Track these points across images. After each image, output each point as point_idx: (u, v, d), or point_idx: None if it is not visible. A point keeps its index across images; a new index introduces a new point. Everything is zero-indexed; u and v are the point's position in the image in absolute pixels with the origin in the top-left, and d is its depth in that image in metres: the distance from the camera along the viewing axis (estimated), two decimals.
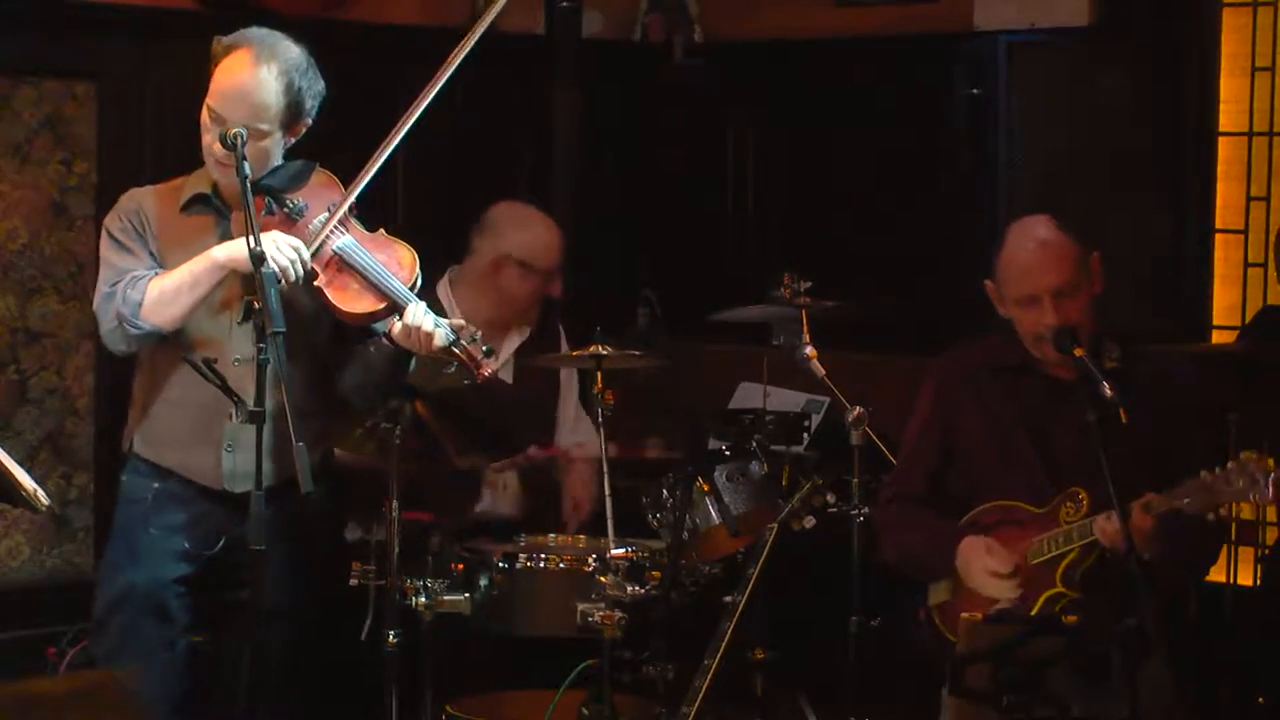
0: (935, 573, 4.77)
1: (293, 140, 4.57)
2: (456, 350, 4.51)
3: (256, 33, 4.53)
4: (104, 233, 4.61)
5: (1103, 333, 4.70)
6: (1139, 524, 4.36)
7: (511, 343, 5.80)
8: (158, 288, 4.45)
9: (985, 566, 4.61)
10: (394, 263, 4.58)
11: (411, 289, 4.56)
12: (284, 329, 4.12)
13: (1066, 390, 4.64)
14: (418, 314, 4.50)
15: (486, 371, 4.56)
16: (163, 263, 4.54)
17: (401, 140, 4.59)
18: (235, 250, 4.41)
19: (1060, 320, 4.59)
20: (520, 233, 5.77)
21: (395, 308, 4.52)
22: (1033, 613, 4.51)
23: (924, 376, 5.00)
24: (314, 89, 4.54)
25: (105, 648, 4.64)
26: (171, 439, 4.59)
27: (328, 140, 4.63)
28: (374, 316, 4.55)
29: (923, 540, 4.80)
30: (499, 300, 5.72)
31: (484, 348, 4.55)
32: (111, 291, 4.48)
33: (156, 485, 4.60)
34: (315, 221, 4.53)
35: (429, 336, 4.49)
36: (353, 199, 4.56)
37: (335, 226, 4.52)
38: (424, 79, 4.68)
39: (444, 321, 4.53)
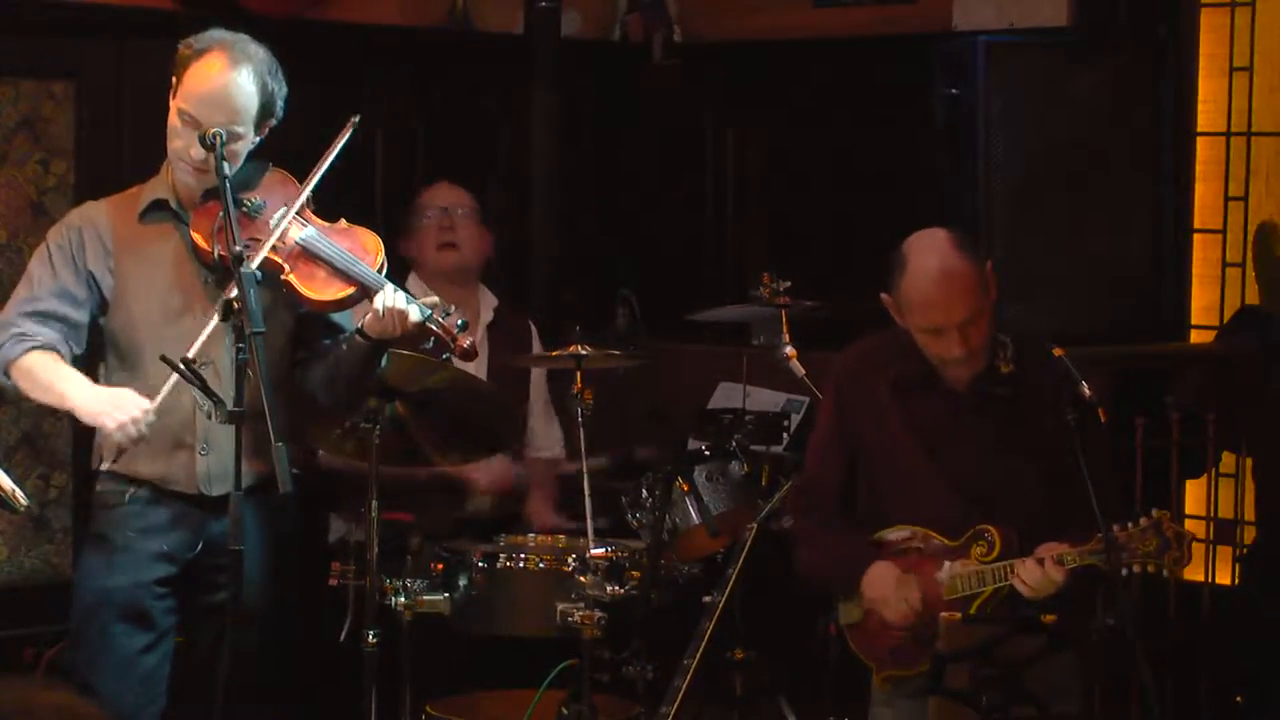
0: (843, 592, 4.65)
1: (258, 140, 4.56)
2: (432, 326, 4.53)
3: (225, 35, 4.52)
4: (44, 242, 4.60)
5: (998, 335, 4.51)
6: (1051, 575, 4.28)
7: (479, 326, 5.79)
8: (33, 364, 4.46)
9: (893, 594, 4.49)
10: (359, 248, 4.58)
11: (379, 273, 4.56)
12: (263, 329, 4.11)
13: (966, 405, 4.56)
14: (390, 293, 4.50)
15: (465, 343, 4.56)
16: (120, 272, 4.52)
17: (350, 136, 4.57)
18: (84, 409, 4.41)
19: (967, 349, 4.43)
20: (426, 191, 5.99)
21: (365, 291, 4.51)
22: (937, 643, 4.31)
23: (826, 376, 4.83)
24: (281, 90, 4.54)
25: (84, 654, 4.59)
26: (141, 449, 4.54)
27: (304, 139, 4.63)
28: (344, 302, 4.54)
29: (831, 559, 4.66)
30: (432, 250, 5.83)
31: (458, 321, 4.56)
32: (7, 323, 4.50)
33: (131, 490, 4.57)
34: (275, 216, 4.53)
35: (403, 314, 4.48)
36: (307, 193, 4.54)
37: (295, 219, 4.52)
38: (403, 79, 4.69)
39: (416, 299, 4.55)
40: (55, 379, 4.47)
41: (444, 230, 5.85)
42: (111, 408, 4.37)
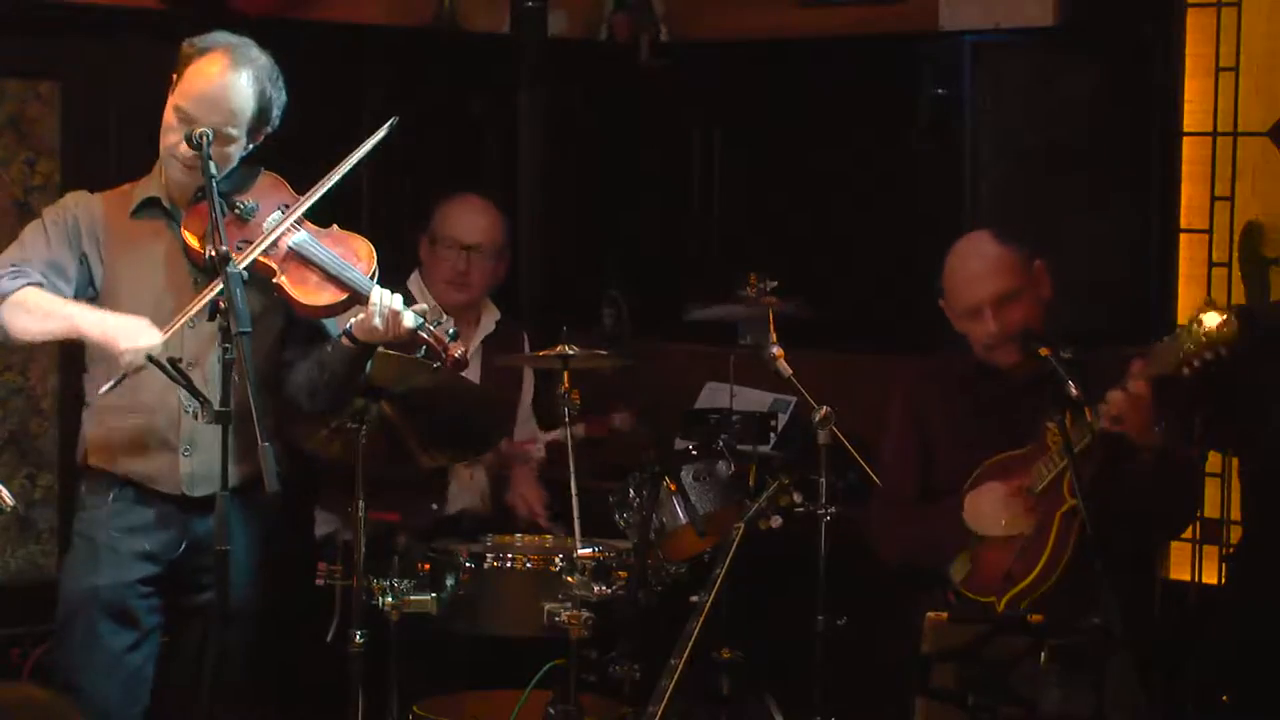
0: (950, 551, 4.82)
1: (252, 146, 4.56)
2: (424, 334, 4.51)
3: (228, 38, 4.53)
4: (39, 218, 4.60)
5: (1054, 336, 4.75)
6: (1139, 393, 4.48)
7: (479, 334, 5.79)
8: (29, 297, 4.41)
9: (1006, 500, 4.71)
10: (351, 254, 4.57)
11: (371, 279, 4.55)
12: (250, 329, 4.11)
13: (1026, 389, 4.74)
14: (385, 296, 4.49)
15: (456, 353, 4.54)
16: (111, 268, 4.53)
17: (358, 163, 4.58)
18: (93, 322, 4.37)
19: (1002, 326, 4.75)
20: (445, 212, 5.85)
21: (357, 297, 4.50)
22: (1052, 533, 4.63)
23: (891, 390, 5.09)
24: (280, 98, 4.55)
25: (69, 653, 4.59)
26: (123, 447, 4.56)
27: (292, 140, 4.63)
28: (336, 308, 4.54)
29: (930, 526, 4.87)
30: (441, 283, 5.75)
31: (450, 330, 4.54)
32: None
33: (115, 490, 4.58)
34: (268, 220, 4.53)
35: (397, 317, 4.47)
36: (306, 206, 4.54)
37: (288, 225, 4.52)
38: (389, 78, 4.68)
39: (410, 305, 4.54)
40: (58, 306, 4.43)
41: (458, 273, 5.76)
42: (123, 330, 4.31)
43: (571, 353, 5.09)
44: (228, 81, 4.45)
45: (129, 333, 4.31)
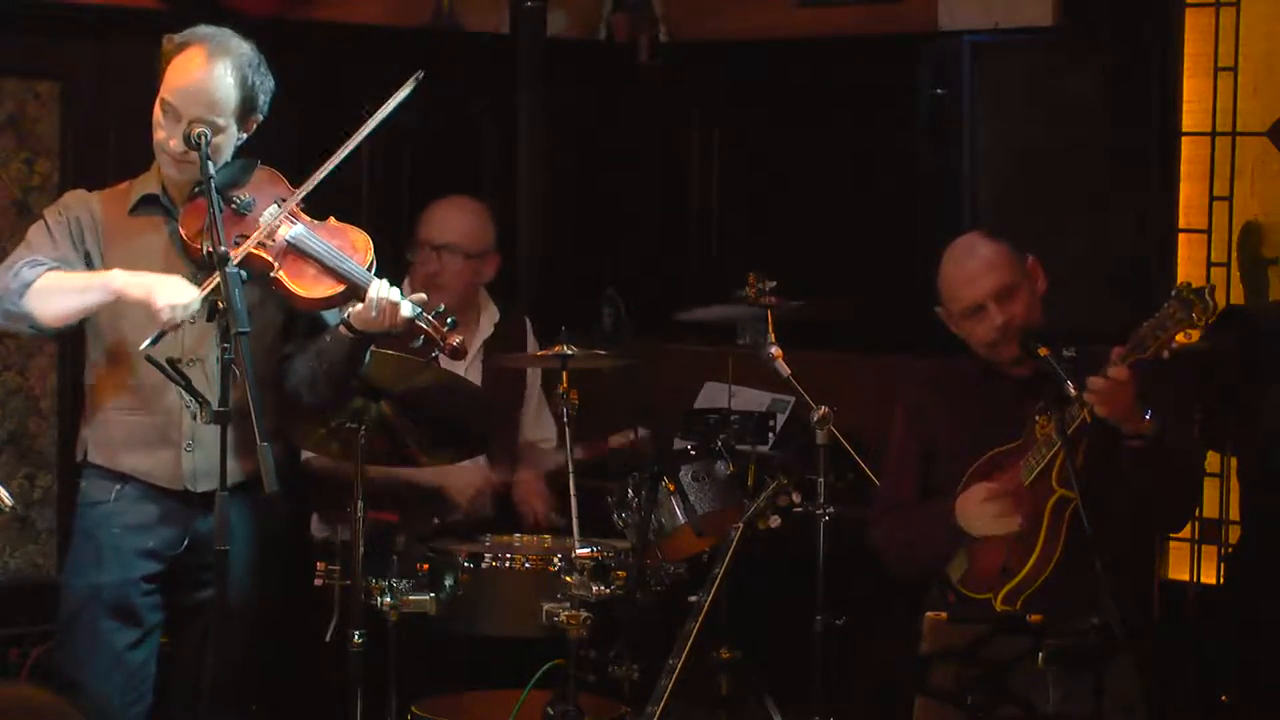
0: (947, 550, 4.81)
1: (245, 136, 4.57)
2: (421, 323, 4.52)
3: (207, 30, 4.55)
4: (41, 218, 4.62)
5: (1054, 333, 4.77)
6: (1119, 378, 4.44)
7: (478, 338, 5.79)
8: (51, 279, 4.43)
9: (982, 505, 4.71)
10: (348, 246, 4.58)
11: (369, 270, 4.55)
12: (249, 329, 4.12)
13: (1028, 387, 4.75)
14: (382, 287, 4.50)
15: (454, 341, 4.54)
16: (108, 265, 4.52)
17: (355, 149, 4.59)
18: (133, 282, 4.38)
19: (1006, 319, 4.75)
20: (429, 216, 5.84)
21: (355, 289, 4.51)
22: (1044, 524, 4.63)
23: (892, 394, 5.08)
24: (265, 84, 4.56)
25: (72, 651, 4.60)
26: (125, 443, 4.57)
27: (290, 139, 4.63)
28: (334, 300, 4.54)
29: (925, 528, 4.86)
30: (417, 285, 5.73)
31: (448, 319, 4.55)
32: (10, 265, 4.48)
33: (118, 487, 4.59)
34: (265, 214, 4.53)
35: (394, 307, 4.48)
36: (301, 195, 4.55)
37: (284, 218, 4.52)
38: (388, 78, 4.69)
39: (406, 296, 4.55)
40: (89, 276, 4.46)
41: (430, 274, 5.75)
42: (162, 287, 4.32)
43: (571, 353, 5.09)
44: (208, 74, 4.46)
45: (168, 289, 4.32)
